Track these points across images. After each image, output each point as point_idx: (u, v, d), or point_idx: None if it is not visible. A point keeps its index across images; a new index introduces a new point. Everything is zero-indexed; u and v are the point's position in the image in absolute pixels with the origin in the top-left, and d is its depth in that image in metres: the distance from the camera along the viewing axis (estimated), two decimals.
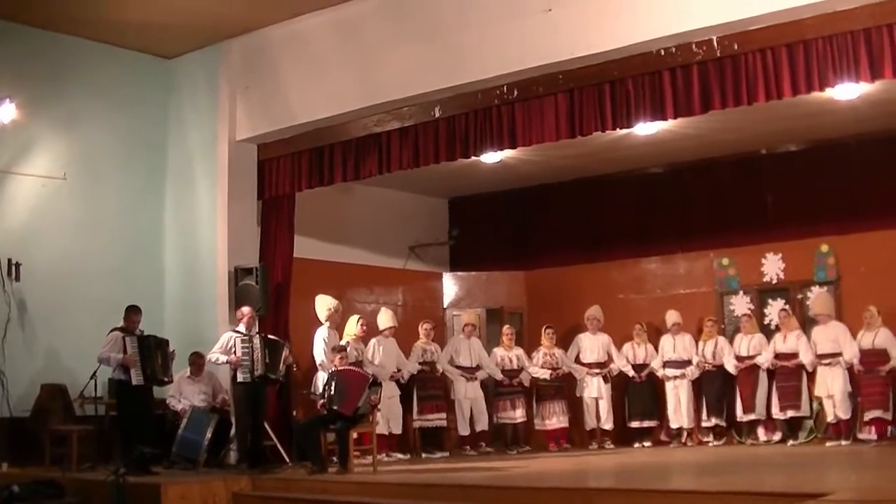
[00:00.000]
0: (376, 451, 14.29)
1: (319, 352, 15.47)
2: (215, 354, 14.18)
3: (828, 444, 15.80)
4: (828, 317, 16.04)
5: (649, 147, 16.93)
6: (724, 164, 18.10)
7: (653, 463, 14.82)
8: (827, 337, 15.91)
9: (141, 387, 13.56)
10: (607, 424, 17.50)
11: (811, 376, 16.10)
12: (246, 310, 14.50)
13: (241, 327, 14.28)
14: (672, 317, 17.38)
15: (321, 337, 15.59)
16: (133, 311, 13.88)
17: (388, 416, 15.89)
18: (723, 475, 12.39)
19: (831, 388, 15.69)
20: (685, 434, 17.21)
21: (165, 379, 14.12)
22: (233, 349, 14.00)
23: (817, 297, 16.49)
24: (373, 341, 16.43)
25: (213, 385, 15.14)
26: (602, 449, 17.20)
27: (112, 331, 13.70)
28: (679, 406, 17.12)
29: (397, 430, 16.22)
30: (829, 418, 15.82)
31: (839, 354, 15.71)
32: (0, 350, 14.80)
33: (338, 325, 15.97)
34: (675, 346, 17.27)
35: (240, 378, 13.97)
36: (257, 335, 14.22)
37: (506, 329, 17.85)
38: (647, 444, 17.35)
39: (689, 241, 18.39)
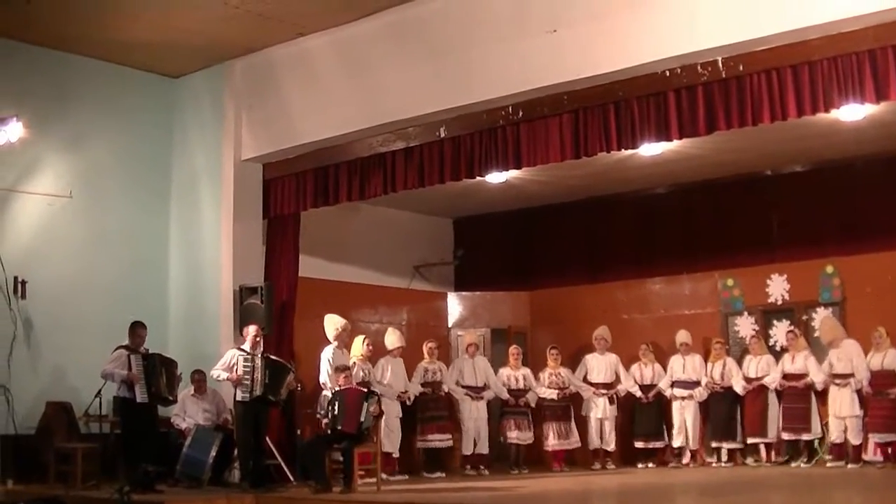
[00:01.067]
0: (380, 471, 14.27)
1: (324, 373, 15.42)
2: (217, 371, 14.16)
3: (828, 464, 15.76)
4: (840, 339, 16.00)
5: (654, 168, 16.95)
6: (729, 184, 18.13)
7: (656, 483, 14.81)
8: (840, 357, 15.86)
9: (145, 405, 13.56)
10: (610, 445, 17.46)
11: (821, 397, 16.06)
12: (252, 329, 14.45)
13: (247, 345, 14.26)
14: (682, 336, 17.32)
15: (326, 358, 15.53)
16: (139, 327, 13.89)
17: (389, 437, 15.82)
18: (727, 496, 12.39)
19: (840, 411, 15.65)
20: (688, 455, 17.16)
21: (170, 398, 14.12)
22: (235, 367, 13.98)
23: (823, 325, 16.40)
24: (381, 361, 16.41)
25: (217, 403, 15.12)
26: (604, 469, 17.16)
27: (117, 348, 13.70)
28: (684, 426, 17.08)
29: (395, 452, 16.13)
30: (832, 438, 15.78)
31: (851, 375, 15.67)
32: (6, 367, 14.85)
33: (346, 344, 15.94)
34: (684, 366, 17.20)
35: (239, 396, 13.91)
36: (261, 355, 14.19)
37: (512, 349, 17.78)
38: (650, 464, 17.30)
39: (693, 262, 18.39)
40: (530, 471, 17.00)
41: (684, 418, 17.09)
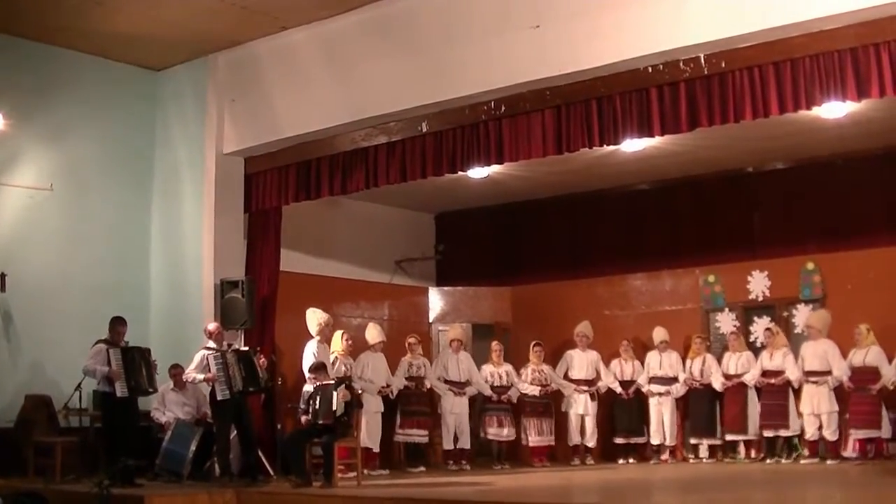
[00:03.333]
0: (360, 466, 14.26)
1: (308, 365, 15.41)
2: (191, 374, 14.08)
3: (802, 461, 15.79)
4: (818, 332, 15.97)
5: (636, 164, 16.95)
6: (710, 181, 18.14)
7: (637, 479, 14.82)
8: (815, 354, 15.85)
9: (125, 399, 13.52)
10: (591, 442, 17.44)
11: (797, 394, 16.07)
12: (212, 326, 14.44)
13: (212, 343, 14.23)
14: (659, 334, 17.34)
15: (310, 351, 15.48)
16: (118, 323, 13.82)
17: (369, 432, 15.79)
18: (707, 492, 12.41)
19: (818, 407, 15.67)
20: (667, 451, 17.19)
21: (150, 390, 14.08)
22: (207, 367, 13.92)
23: (816, 312, 16.36)
24: (361, 356, 16.37)
25: (198, 397, 15.05)
26: (585, 465, 17.17)
27: (97, 343, 13.66)
28: (661, 422, 17.11)
29: (375, 447, 16.09)
30: (808, 436, 15.80)
31: (828, 373, 15.69)
32: None
33: (328, 338, 15.91)
34: (661, 362, 17.22)
35: (220, 396, 13.79)
36: (230, 350, 14.18)
37: (494, 345, 17.73)
38: (631, 460, 17.31)
39: (675, 258, 18.40)
40: (512, 466, 17.00)
41: (662, 415, 17.12)
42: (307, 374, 15.10)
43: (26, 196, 15.62)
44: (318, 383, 14.07)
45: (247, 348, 14.59)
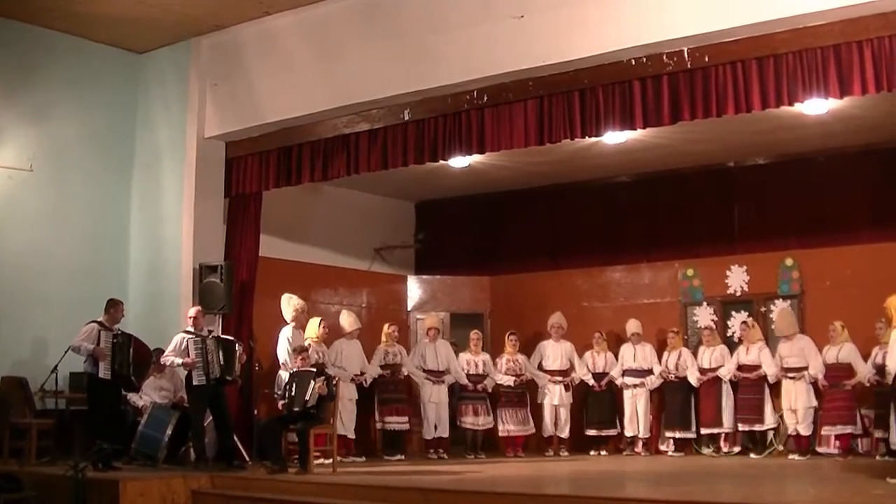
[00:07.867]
0: (335, 453, 14.25)
1: (283, 351, 15.41)
2: (169, 357, 14.06)
3: (789, 456, 15.83)
4: (793, 334, 16.03)
5: (618, 156, 16.98)
6: (691, 175, 18.19)
7: (610, 471, 14.83)
8: (791, 351, 15.92)
9: (111, 383, 13.51)
10: (564, 432, 17.47)
11: (774, 389, 16.11)
12: (193, 311, 14.42)
13: (190, 328, 14.20)
14: (631, 326, 17.35)
15: (285, 336, 15.52)
16: (112, 305, 13.90)
17: (343, 419, 15.77)
18: (680, 485, 12.41)
19: (794, 403, 15.72)
20: (640, 443, 17.21)
21: (133, 378, 14.04)
22: (186, 351, 13.92)
23: (780, 317, 16.38)
24: (336, 343, 16.35)
25: (175, 382, 15.01)
26: (558, 456, 17.19)
27: (89, 322, 13.65)
28: (635, 415, 17.12)
29: (350, 434, 16.06)
30: (790, 431, 15.86)
31: (805, 368, 15.74)
32: None
33: (303, 325, 15.91)
34: (635, 355, 17.24)
35: (196, 381, 13.83)
36: (211, 336, 14.16)
37: (473, 334, 17.72)
38: (603, 452, 17.32)
39: (654, 251, 18.46)
40: (487, 456, 17.01)
41: (636, 407, 17.15)
42: (282, 360, 15.15)
43: (5, 176, 15.53)
44: (296, 369, 14.07)
45: (229, 338, 14.56)
